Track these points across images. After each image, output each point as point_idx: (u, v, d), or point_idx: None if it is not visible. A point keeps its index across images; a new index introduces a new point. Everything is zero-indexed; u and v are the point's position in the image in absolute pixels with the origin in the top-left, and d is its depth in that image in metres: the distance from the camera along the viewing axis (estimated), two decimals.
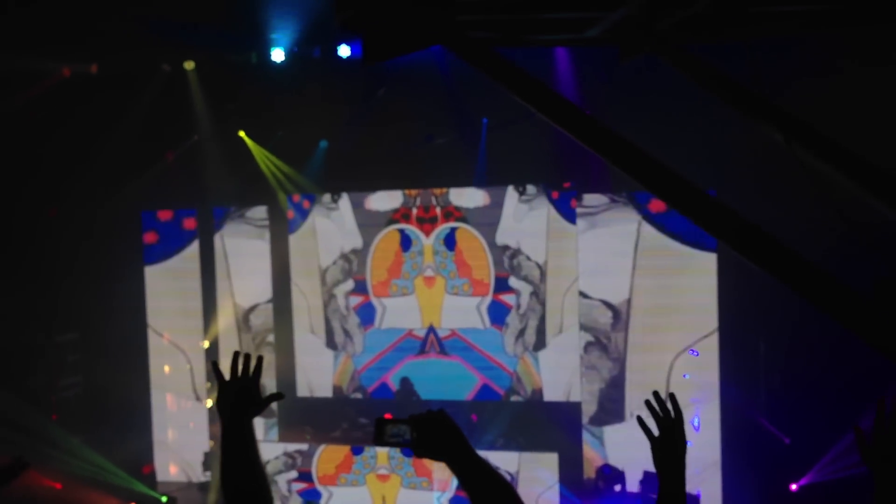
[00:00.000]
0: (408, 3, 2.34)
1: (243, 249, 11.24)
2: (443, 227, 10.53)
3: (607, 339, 10.10)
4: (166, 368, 11.43)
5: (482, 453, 2.40)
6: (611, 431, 10.09)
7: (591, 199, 10.01)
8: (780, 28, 2.57)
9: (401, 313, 10.82)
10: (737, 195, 8.61)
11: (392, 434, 2.35)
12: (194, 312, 11.35)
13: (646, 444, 2.63)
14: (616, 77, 7.87)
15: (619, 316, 10.05)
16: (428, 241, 10.58)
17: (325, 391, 11.00)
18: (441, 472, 9.76)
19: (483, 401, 10.52)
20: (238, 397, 2.42)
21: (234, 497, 2.31)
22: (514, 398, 10.50)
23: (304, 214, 10.99)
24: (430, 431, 2.33)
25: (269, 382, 11.21)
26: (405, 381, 10.67)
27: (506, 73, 2.34)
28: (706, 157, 8.17)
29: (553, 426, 10.18)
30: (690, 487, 9.37)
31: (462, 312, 10.61)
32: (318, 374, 11.03)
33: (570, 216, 10.09)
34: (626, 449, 9.89)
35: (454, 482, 9.62)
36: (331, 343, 11.03)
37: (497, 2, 2.40)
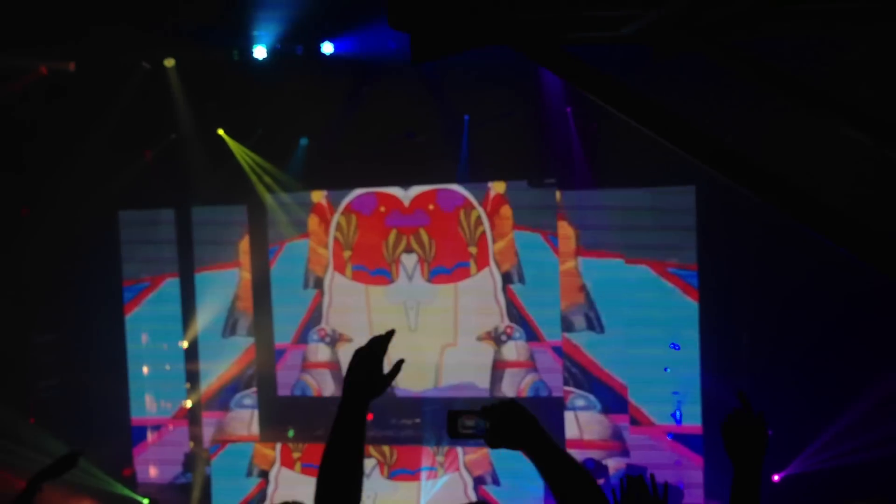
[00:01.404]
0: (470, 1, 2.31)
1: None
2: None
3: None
4: (145, 369, 11.31)
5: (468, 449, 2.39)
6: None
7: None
8: (834, 24, 2.55)
9: None
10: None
11: (465, 426, 2.32)
12: (173, 312, 11.24)
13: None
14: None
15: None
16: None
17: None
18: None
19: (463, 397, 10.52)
20: (368, 374, 2.36)
21: (331, 474, 2.24)
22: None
23: None
24: (505, 421, 2.32)
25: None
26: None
27: (579, 72, 2.31)
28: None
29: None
30: (672, 479, 9.51)
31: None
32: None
33: None
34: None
35: (440, 481, 9.65)
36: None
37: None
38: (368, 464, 9.97)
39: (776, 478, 8.87)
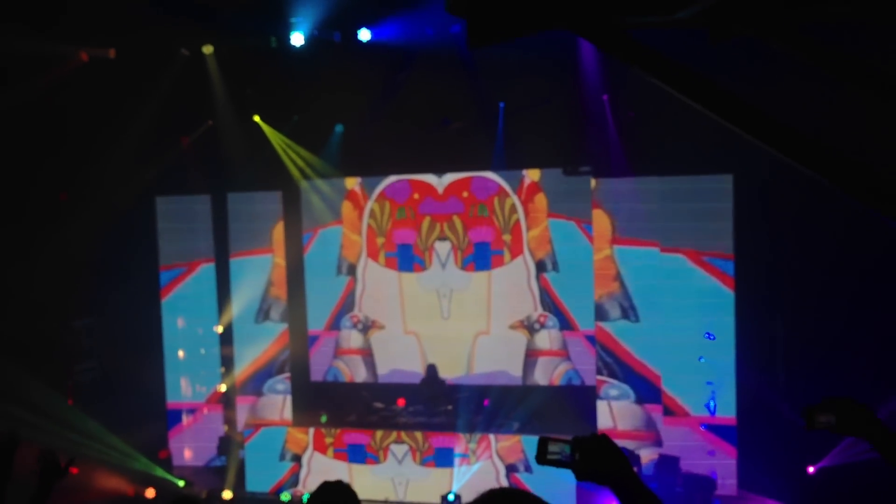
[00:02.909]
0: None
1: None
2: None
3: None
4: (180, 353, 11.44)
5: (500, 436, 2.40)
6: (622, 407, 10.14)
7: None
8: None
9: None
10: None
11: (554, 452, 2.35)
12: (209, 297, 11.36)
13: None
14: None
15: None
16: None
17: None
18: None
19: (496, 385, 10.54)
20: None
21: None
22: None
23: None
24: (594, 455, 2.34)
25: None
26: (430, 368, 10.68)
27: (647, 58, 2.28)
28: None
29: (567, 410, 10.18)
30: (705, 469, 9.46)
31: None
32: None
33: None
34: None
35: (473, 468, 9.64)
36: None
37: None
38: (400, 450, 10.01)
39: (811, 469, 8.81)
